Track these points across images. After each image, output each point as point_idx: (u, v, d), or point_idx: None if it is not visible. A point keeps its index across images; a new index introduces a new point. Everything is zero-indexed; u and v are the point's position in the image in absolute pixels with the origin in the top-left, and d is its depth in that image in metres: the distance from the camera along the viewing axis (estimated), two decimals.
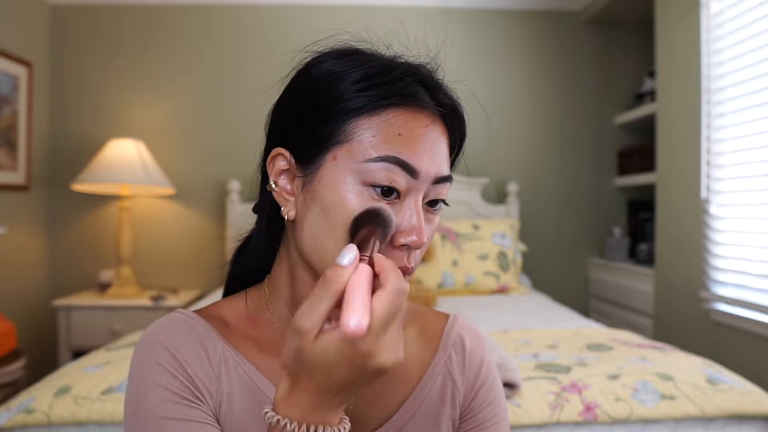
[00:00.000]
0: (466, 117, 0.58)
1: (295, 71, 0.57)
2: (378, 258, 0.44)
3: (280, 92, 0.58)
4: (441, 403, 0.62)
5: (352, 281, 0.42)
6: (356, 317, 0.39)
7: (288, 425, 0.43)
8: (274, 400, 0.45)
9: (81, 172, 2.66)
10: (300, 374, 0.43)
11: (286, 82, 0.57)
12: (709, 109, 2.15)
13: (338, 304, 0.42)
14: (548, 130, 3.10)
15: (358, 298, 0.41)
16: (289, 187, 0.55)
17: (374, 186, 0.50)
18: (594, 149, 3.11)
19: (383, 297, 0.42)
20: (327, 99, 0.52)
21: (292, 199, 0.55)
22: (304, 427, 0.43)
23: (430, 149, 0.52)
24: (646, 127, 2.93)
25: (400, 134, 0.51)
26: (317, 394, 0.43)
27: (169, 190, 2.81)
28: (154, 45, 2.97)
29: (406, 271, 0.52)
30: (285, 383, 0.45)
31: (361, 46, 0.56)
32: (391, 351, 0.42)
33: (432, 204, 0.55)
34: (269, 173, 0.56)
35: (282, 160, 0.55)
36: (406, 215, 0.52)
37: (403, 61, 0.55)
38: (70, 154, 2.91)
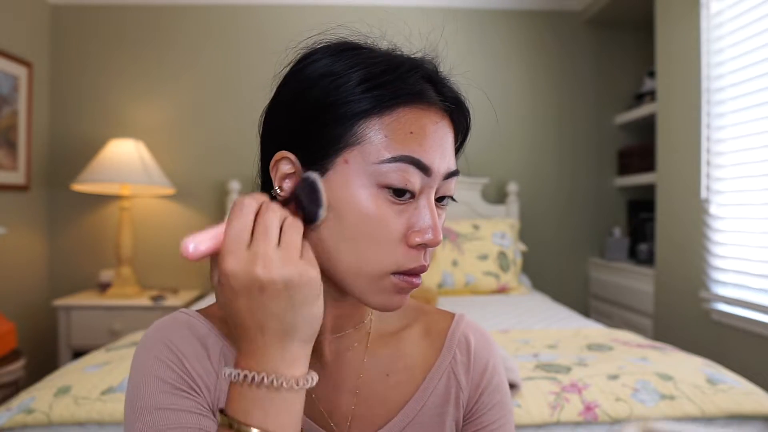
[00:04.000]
0: (470, 109, 0.57)
1: (289, 70, 0.55)
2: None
3: (273, 92, 0.56)
4: (445, 403, 0.61)
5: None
6: (187, 240, 0.42)
7: (248, 376, 0.44)
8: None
9: (81, 172, 2.66)
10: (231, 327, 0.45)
11: (280, 80, 0.55)
12: (709, 109, 2.15)
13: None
14: (548, 130, 3.10)
15: (212, 229, 0.44)
16: None
17: (389, 188, 0.50)
18: (594, 149, 3.11)
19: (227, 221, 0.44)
20: (332, 100, 0.50)
21: None
22: (263, 376, 0.43)
23: (441, 145, 0.52)
24: (646, 127, 2.93)
25: (411, 132, 0.50)
26: (251, 339, 0.44)
27: (169, 190, 2.81)
28: (154, 45, 2.97)
29: (423, 270, 0.52)
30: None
31: (356, 40, 0.55)
32: (263, 265, 0.42)
33: (440, 200, 0.55)
34: (273, 178, 0.53)
35: (287, 163, 0.52)
36: (422, 214, 0.51)
37: (405, 56, 0.54)
38: (70, 154, 2.91)
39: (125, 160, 2.57)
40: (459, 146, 0.59)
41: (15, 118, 2.63)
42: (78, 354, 2.52)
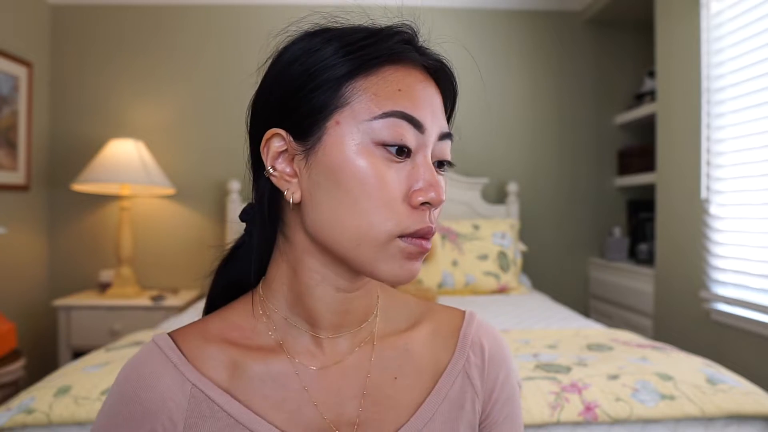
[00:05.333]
0: (455, 74, 0.56)
1: (270, 60, 0.55)
2: None
3: (258, 84, 0.56)
4: (459, 408, 0.57)
5: None
6: None
7: None
8: None
9: (81, 172, 2.66)
10: None
11: (263, 71, 0.55)
12: (709, 109, 2.15)
13: None
14: (548, 130, 3.10)
15: None
16: (288, 169, 0.52)
17: (385, 145, 0.48)
18: (594, 149, 3.11)
19: None
20: (314, 69, 0.50)
21: (294, 180, 0.51)
22: None
23: (431, 104, 0.51)
24: (646, 127, 2.93)
25: (400, 90, 0.49)
26: None
27: (169, 190, 2.81)
28: (154, 45, 2.97)
29: (429, 232, 0.50)
30: None
31: (332, 24, 0.54)
32: None
33: (439, 166, 0.53)
34: (265, 159, 0.52)
35: (278, 140, 0.52)
36: (421, 172, 0.49)
37: (382, 25, 0.54)
38: (70, 154, 2.91)
39: (125, 160, 2.57)
40: (450, 114, 0.57)
41: (15, 118, 2.63)
42: (78, 354, 2.51)
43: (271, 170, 0.52)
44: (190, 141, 2.98)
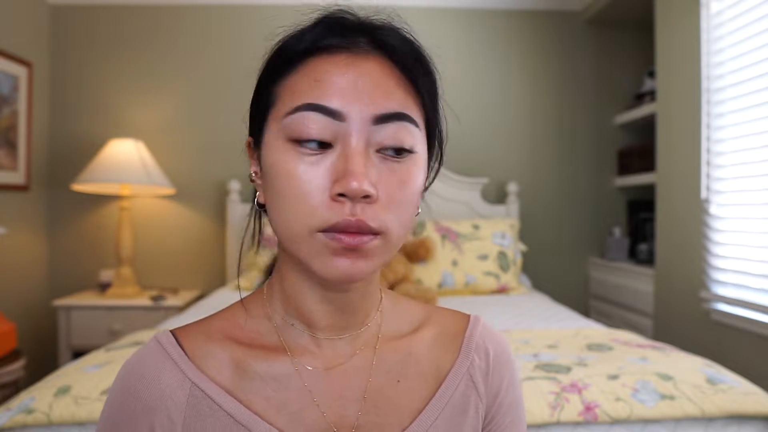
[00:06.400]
0: (427, 56, 0.53)
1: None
2: None
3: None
4: (463, 412, 0.57)
5: None
6: None
7: None
8: None
9: (81, 172, 2.66)
10: None
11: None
12: (709, 109, 2.15)
13: None
14: (548, 130, 3.10)
15: None
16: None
17: (298, 141, 0.48)
18: (594, 149, 3.11)
19: None
20: (262, 74, 0.54)
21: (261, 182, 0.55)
22: None
23: (356, 87, 0.48)
24: (646, 127, 2.93)
25: (317, 80, 0.48)
26: None
27: (169, 190, 2.81)
28: (153, 45, 2.97)
29: (349, 225, 0.46)
30: None
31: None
32: None
33: (398, 153, 0.49)
34: (250, 164, 0.57)
35: (250, 147, 0.56)
36: (338, 162, 0.47)
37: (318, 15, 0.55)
38: (70, 154, 2.91)
39: (125, 160, 2.57)
40: (430, 92, 0.53)
41: (15, 118, 2.63)
42: (78, 354, 2.52)
43: (252, 175, 0.55)
44: (190, 141, 2.98)
